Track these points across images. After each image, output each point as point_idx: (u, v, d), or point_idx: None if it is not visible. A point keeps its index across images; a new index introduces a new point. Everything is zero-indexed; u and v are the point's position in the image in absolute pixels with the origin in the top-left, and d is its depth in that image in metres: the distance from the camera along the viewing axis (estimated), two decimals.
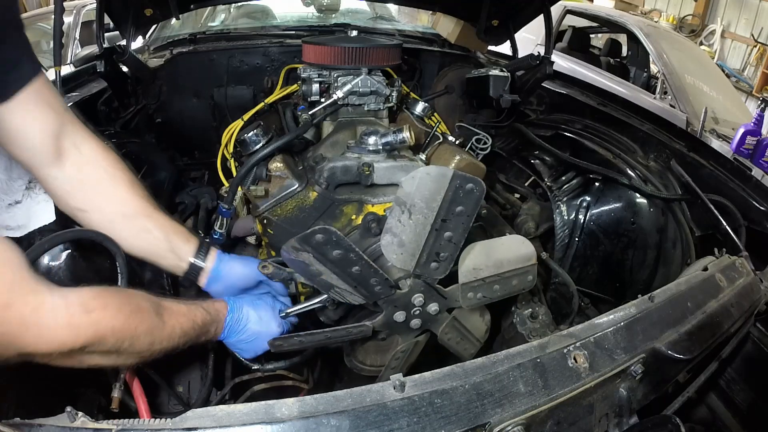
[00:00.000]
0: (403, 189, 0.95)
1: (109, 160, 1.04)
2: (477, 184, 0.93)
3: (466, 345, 1.26)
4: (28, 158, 0.94)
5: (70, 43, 4.27)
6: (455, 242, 0.99)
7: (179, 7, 2.00)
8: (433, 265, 1.02)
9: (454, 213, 0.95)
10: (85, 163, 0.99)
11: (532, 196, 1.99)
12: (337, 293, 1.02)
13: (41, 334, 0.69)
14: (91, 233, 1.02)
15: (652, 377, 0.99)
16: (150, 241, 1.07)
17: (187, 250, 1.10)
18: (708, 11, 9.30)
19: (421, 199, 0.95)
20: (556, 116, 2.26)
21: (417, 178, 0.94)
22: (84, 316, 0.73)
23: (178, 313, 0.92)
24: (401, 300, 1.07)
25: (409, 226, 0.97)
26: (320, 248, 0.91)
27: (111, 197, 1.03)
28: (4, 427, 0.64)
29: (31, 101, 0.88)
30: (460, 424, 0.75)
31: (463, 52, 2.49)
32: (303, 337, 1.05)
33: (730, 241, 1.45)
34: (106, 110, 1.82)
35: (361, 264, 0.97)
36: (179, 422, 0.67)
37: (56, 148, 0.95)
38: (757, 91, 7.87)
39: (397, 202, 0.96)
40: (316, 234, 0.89)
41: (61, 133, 0.95)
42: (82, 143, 0.99)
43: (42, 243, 0.97)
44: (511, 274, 1.11)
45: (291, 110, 1.70)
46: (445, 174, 0.93)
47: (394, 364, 1.22)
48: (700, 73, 4.28)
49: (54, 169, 0.96)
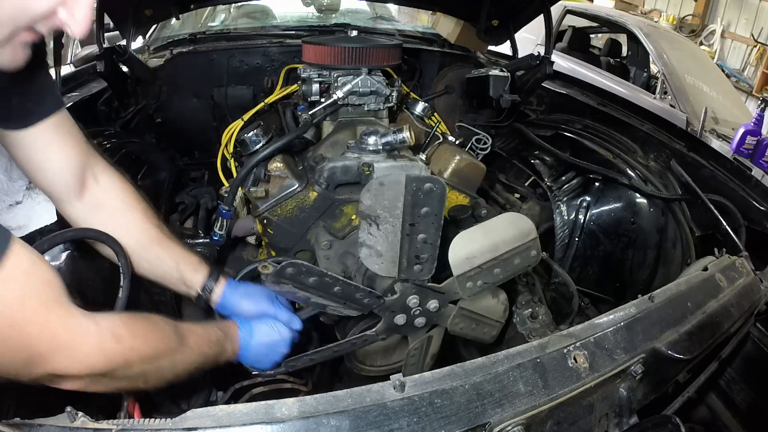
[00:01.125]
0: (363, 203, 0.96)
1: (125, 190, 1.07)
2: (435, 182, 0.92)
3: (484, 329, 1.24)
4: (51, 188, 0.98)
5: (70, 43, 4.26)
6: (431, 242, 0.99)
7: (179, 7, 2.00)
8: (417, 267, 1.02)
9: (420, 215, 0.94)
10: (102, 193, 1.03)
11: (532, 196, 1.99)
12: (333, 309, 1.04)
13: (74, 356, 0.70)
14: (93, 232, 1.02)
15: (652, 377, 0.99)
16: (163, 269, 1.10)
17: (197, 281, 1.12)
18: (708, 11, 9.29)
19: (382, 209, 0.96)
20: (556, 116, 2.26)
21: (372, 190, 0.95)
22: (114, 344, 0.75)
23: (196, 334, 0.93)
24: (396, 305, 1.07)
25: (380, 236, 0.98)
26: (295, 279, 0.94)
27: (126, 226, 1.05)
28: (4, 427, 0.64)
29: (51, 131, 0.92)
30: (460, 424, 0.75)
31: (463, 52, 2.49)
32: (312, 354, 1.09)
33: (730, 241, 1.45)
34: (106, 110, 1.82)
35: (339, 284, 0.98)
36: (179, 422, 0.67)
37: (79, 180, 0.99)
38: (757, 91, 7.87)
39: (361, 217, 0.98)
40: (286, 269, 0.91)
41: (84, 166, 0.99)
42: (100, 174, 1.03)
43: (42, 242, 0.97)
44: (511, 254, 1.07)
45: (291, 110, 1.70)
46: (399, 180, 0.93)
47: (412, 361, 1.22)
48: (700, 73, 4.28)
49: (75, 200, 1.00)
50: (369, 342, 1.12)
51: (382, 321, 1.08)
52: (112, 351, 0.75)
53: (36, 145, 0.91)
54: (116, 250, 1.04)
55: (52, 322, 0.67)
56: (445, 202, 0.96)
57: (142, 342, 0.80)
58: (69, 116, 0.97)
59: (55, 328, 0.67)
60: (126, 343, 0.76)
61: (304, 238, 1.41)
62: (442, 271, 1.07)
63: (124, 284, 1.04)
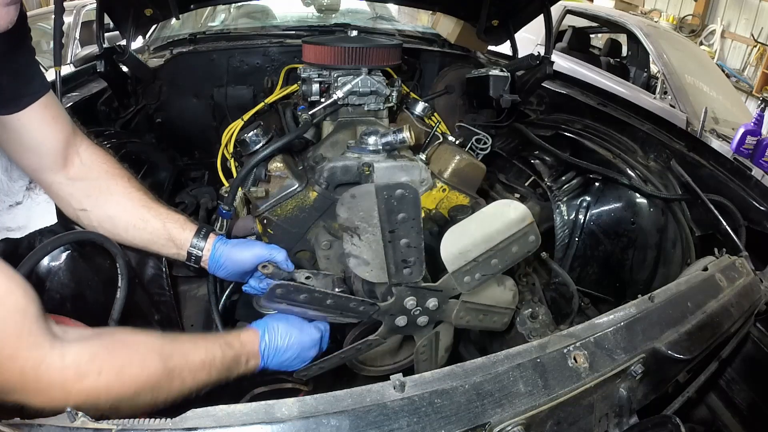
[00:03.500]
0: (340, 216, 0.97)
1: (107, 161, 1.09)
2: (405, 187, 0.91)
3: (493, 318, 1.23)
4: (37, 164, 1.00)
5: (70, 43, 4.27)
6: (414, 246, 0.98)
7: (179, 7, 2.00)
8: (406, 270, 1.01)
9: (398, 221, 0.94)
10: (85, 165, 1.04)
11: (532, 196, 1.99)
12: (333, 319, 1.06)
13: (37, 390, 0.69)
14: (92, 235, 1.03)
15: (652, 377, 0.99)
16: (149, 230, 1.08)
17: (185, 238, 1.10)
18: (708, 11, 9.29)
19: (359, 220, 0.96)
20: (556, 116, 2.26)
21: (345, 204, 0.96)
22: (76, 382, 0.71)
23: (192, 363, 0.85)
24: (394, 308, 1.07)
25: (363, 246, 0.99)
26: (287, 297, 0.94)
27: (109, 193, 1.06)
28: (4, 427, 0.64)
29: (41, 113, 0.95)
30: (460, 424, 0.75)
31: (463, 52, 2.49)
32: (321, 363, 1.10)
33: (730, 241, 1.45)
34: (106, 110, 1.82)
35: (330, 297, 0.99)
36: (179, 422, 0.67)
37: (64, 156, 1.01)
38: (757, 91, 7.87)
39: (342, 229, 0.99)
40: (275, 290, 0.93)
41: (69, 142, 1.02)
42: (82, 147, 1.05)
43: (45, 245, 0.98)
44: (507, 243, 1.04)
45: (291, 110, 1.70)
46: (369, 190, 0.93)
47: (423, 358, 1.21)
48: (700, 73, 4.28)
49: (59, 175, 1.02)
50: (374, 346, 1.12)
51: (383, 325, 1.08)
52: (75, 389, 0.71)
53: (27, 127, 0.93)
54: (114, 252, 1.04)
55: (20, 358, 0.66)
56: (420, 204, 0.95)
57: (109, 379, 0.74)
58: (54, 96, 0.99)
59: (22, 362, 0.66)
60: (88, 382, 0.72)
61: (304, 238, 1.41)
62: (441, 269, 1.07)
63: (121, 285, 1.04)
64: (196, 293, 1.55)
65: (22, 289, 0.69)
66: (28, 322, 0.68)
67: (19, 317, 0.67)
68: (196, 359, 0.86)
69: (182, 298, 1.52)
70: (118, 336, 0.80)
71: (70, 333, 0.75)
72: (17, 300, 0.67)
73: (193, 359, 0.85)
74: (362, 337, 1.12)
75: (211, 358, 0.88)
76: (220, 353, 0.90)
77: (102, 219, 1.07)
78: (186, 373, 0.84)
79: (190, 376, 0.84)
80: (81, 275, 1.15)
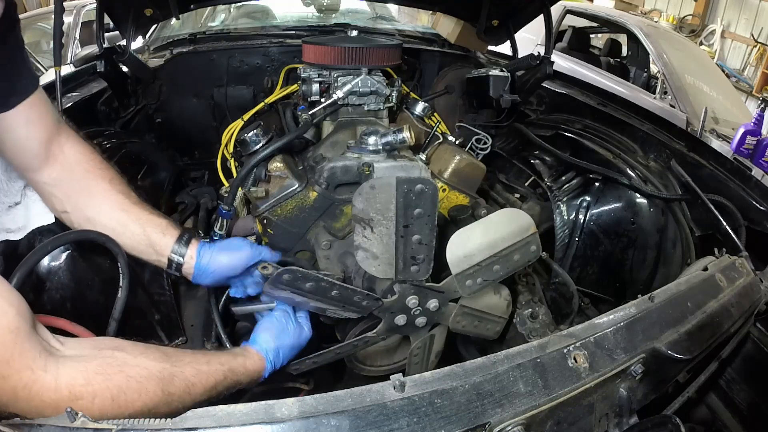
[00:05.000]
0: (355, 207, 0.96)
1: (90, 160, 1.04)
2: (426, 183, 0.91)
3: (487, 326, 1.24)
4: (21, 164, 0.99)
5: (70, 43, 4.28)
6: (426, 243, 0.99)
7: (179, 7, 2.00)
8: (413, 268, 1.01)
9: (413, 216, 0.94)
10: (67, 165, 1.01)
11: (532, 196, 1.99)
12: (333, 312, 1.05)
13: (30, 408, 0.68)
14: (93, 234, 1.02)
15: (652, 377, 0.99)
16: (128, 236, 1.03)
17: (165, 244, 1.04)
18: (708, 11, 9.30)
19: (375, 212, 0.96)
20: (556, 116, 2.26)
21: (364, 194, 0.95)
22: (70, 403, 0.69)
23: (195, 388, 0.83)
24: (395, 306, 1.07)
25: (374, 239, 0.98)
26: (292, 285, 0.94)
27: (89, 195, 1.03)
28: (4, 427, 0.64)
29: (29, 111, 0.93)
30: (460, 424, 0.75)
31: (463, 52, 2.49)
32: (315, 357, 1.09)
33: (730, 241, 1.45)
34: (106, 110, 1.82)
35: (336, 288, 0.98)
36: (179, 422, 0.67)
37: (46, 153, 0.98)
38: (757, 91, 7.87)
39: (355, 220, 0.98)
40: (282, 275, 0.91)
41: (53, 139, 0.99)
42: (67, 145, 1.02)
43: (45, 245, 0.97)
44: (510, 251, 1.06)
45: (291, 110, 1.70)
46: (390, 183, 0.92)
47: (416, 360, 1.22)
48: (700, 73, 4.28)
49: (43, 174, 1.00)
50: (371, 343, 1.12)
51: (383, 322, 1.08)
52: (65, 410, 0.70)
53: (13, 126, 0.92)
54: (115, 251, 1.03)
55: (12, 378, 0.66)
56: (438, 202, 0.96)
57: (108, 404, 0.72)
58: (43, 92, 0.97)
59: (14, 383, 0.66)
60: (82, 404, 0.70)
61: (304, 238, 1.41)
62: (442, 270, 1.07)
63: (123, 285, 1.04)
64: (196, 293, 1.55)
65: (14, 308, 0.68)
66: (20, 341, 0.67)
67: (10, 338, 0.66)
68: (199, 387, 0.84)
69: (182, 298, 1.52)
70: (117, 357, 0.77)
71: (67, 346, 0.74)
72: (9, 320, 0.66)
73: (196, 387, 0.83)
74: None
75: (213, 384, 0.86)
76: (222, 379, 0.88)
77: (81, 222, 1.03)
78: (187, 398, 0.82)
79: (190, 399, 0.83)
80: (81, 275, 1.15)
